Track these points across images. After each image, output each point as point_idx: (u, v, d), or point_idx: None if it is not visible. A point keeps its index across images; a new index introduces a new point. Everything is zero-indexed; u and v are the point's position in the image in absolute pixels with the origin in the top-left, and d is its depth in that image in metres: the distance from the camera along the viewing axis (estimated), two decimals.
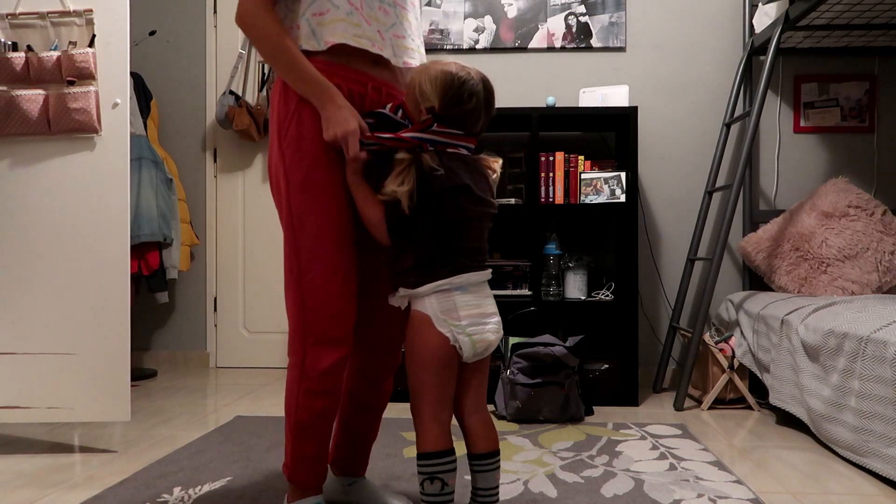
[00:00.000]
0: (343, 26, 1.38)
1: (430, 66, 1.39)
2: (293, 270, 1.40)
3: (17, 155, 2.19)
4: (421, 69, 1.40)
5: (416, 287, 1.36)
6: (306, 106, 1.38)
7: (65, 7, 2.21)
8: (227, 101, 3.46)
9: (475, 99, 1.37)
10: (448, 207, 1.34)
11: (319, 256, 1.38)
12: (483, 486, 1.38)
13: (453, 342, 1.33)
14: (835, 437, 2.10)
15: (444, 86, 1.35)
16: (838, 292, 2.82)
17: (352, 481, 1.67)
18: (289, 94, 1.40)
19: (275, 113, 1.43)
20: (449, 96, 1.35)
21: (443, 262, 1.35)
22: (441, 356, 1.34)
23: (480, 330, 1.35)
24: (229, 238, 3.73)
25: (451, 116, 1.36)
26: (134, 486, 1.83)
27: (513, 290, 2.95)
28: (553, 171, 2.97)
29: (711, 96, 3.35)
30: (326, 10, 1.38)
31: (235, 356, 3.72)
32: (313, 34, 1.38)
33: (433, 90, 1.35)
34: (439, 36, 3.40)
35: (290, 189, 1.39)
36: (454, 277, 1.34)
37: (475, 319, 1.35)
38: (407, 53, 1.49)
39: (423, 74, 1.38)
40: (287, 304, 1.43)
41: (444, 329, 1.33)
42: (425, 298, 1.35)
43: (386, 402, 1.66)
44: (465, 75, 1.37)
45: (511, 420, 2.57)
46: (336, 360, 1.40)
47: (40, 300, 2.16)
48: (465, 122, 1.38)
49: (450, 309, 1.34)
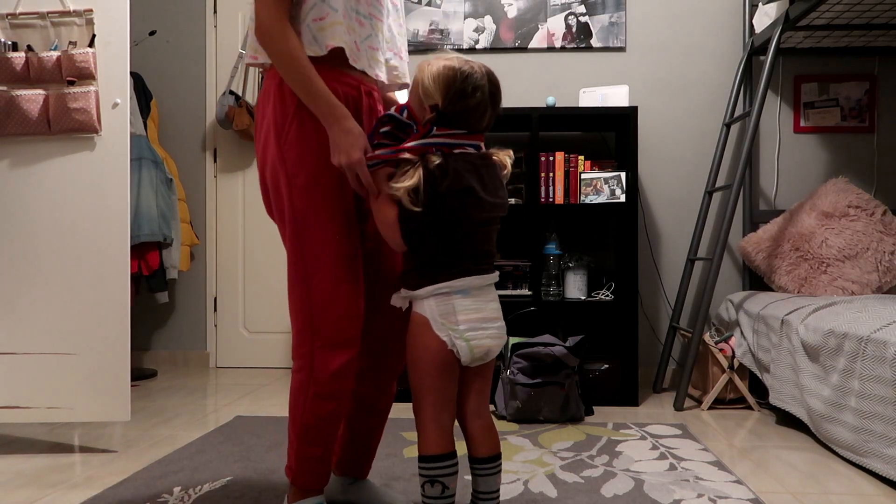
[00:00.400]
0: (341, 30, 1.38)
1: (432, 62, 1.36)
2: (298, 273, 1.39)
3: (17, 155, 2.19)
4: (423, 66, 1.37)
5: (416, 289, 1.35)
6: (304, 107, 1.37)
7: (65, 7, 2.21)
8: (227, 101, 3.46)
9: (480, 93, 1.34)
10: (452, 210, 1.32)
11: (327, 258, 1.37)
12: (484, 489, 1.38)
13: (451, 346, 1.32)
14: (835, 437, 2.10)
15: (446, 81, 1.32)
16: (838, 292, 2.82)
17: (352, 480, 1.67)
18: (286, 96, 1.39)
19: (269, 114, 1.41)
20: (452, 92, 1.32)
21: (444, 265, 1.33)
22: (439, 360, 1.33)
23: (479, 335, 1.33)
24: (229, 238, 3.73)
25: (455, 113, 1.33)
26: (134, 486, 1.83)
27: (513, 290, 2.95)
28: (553, 171, 2.97)
29: (711, 96, 3.35)
30: (326, 15, 1.38)
31: (235, 356, 3.72)
32: (315, 40, 1.38)
33: (435, 87, 1.32)
34: (439, 36, 3.40)
35: (294, 191, 1.38)
36: (454, 281, 1.32)
37: (474, 324, 1.33)
38: (378, 66, 1.49)
39: (424, 71, 1.35)
40: (292, 307, 1.42)
41: (442, 333, 1.32)
42: (424, 301, 1.34)
43: (391, 403, 1.66)
44: (469, 69, 1.33)
45: (511, 420, 2.57)
46: (345, 361, 1.39)
47: (40, 300, 2.16)
48: (469, 118, 1.35)
49: (448, 312, 1.32)
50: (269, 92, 1.42)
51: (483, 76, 1.35)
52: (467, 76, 1.33)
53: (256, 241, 3.70)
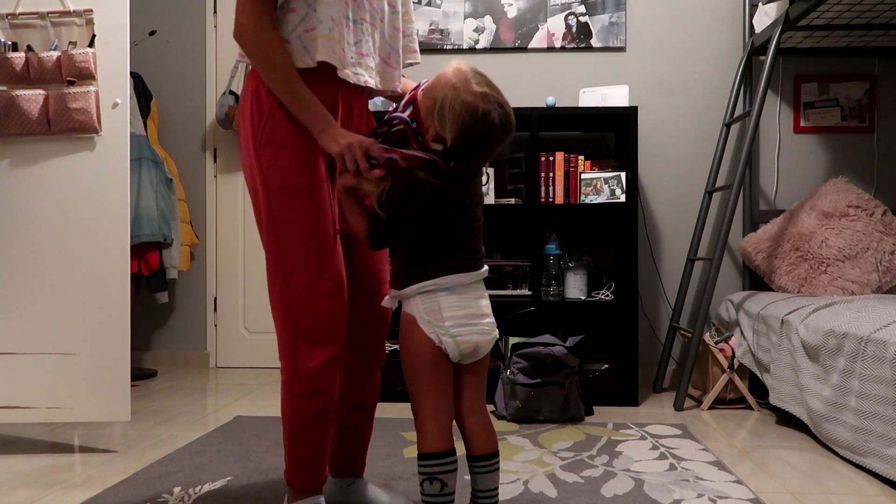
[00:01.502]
0: (325, 42, 1.38)
1: (461, 90, 1.27)
2: (278, 273, 1.42)
3: (17, 155, 2.19)
4: (449, 86, 1.28)
5: (402, 288, 1.36)
6: (278, 110, 1.38)
7: (65, 7, 2.21)
8: (227, 101, 3.46)
9: (493, 138, 1.31)
10: (434, 208, 1.33)
11: (304, 257, 1.39)
12: (482, 487, 1.38)
13: (438, 343, 1.33)
14: (835, 437, 2.10)
15: (464, 124, 1.27)
16: (838, 292, 2.82)
17: (350, 482, 1.67)
18: (261, 99, 1.40)
19: (247, 119, 1.42)
20: (465, 134, 1.28)
21: (427, 264, 1.34)
22: (429, 357, 1.34)
23: (465, 331, 1.33)
24: (229, 238, 3.73)
25: (461, 150, 1.30)
26: (134, 486, 1.83)
27: (513, 290, 2.95)
28: (553, 171, 2.97)
29: (711, 96, 3.35)
30: (315, 26, 1.38)
31: (235, 356, 3.72)
32: (306, 51, 1.38)
33: (452, 123, 1.28)
34: (439, 36, 3.40)
35: (270, 194, 1.40)
36: (439, 279, 1.33)
37: (460, 321, 1.33)
38: (368, 72, 1.49)
39: (449, 97, 1.28)
40: (273, 307, 1.44)
41: (429, 330, 1.33)
42: (411, 300, 1.36)
43: (377, 398, 1.67)
44: (489, 109, 1.27)
45: (511, 420, 2.57)
46: (327, 358, 1.41)
47: (40, 300, 2.16)
48: (473, 157, 1.33)
49: (433, 310, 1.33)
50: (247, 95, 1.43)
51: (501, 118, 1.30)
52: (483, 118, 1.27)
53: (256, 241, 3.70)
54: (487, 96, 1.29)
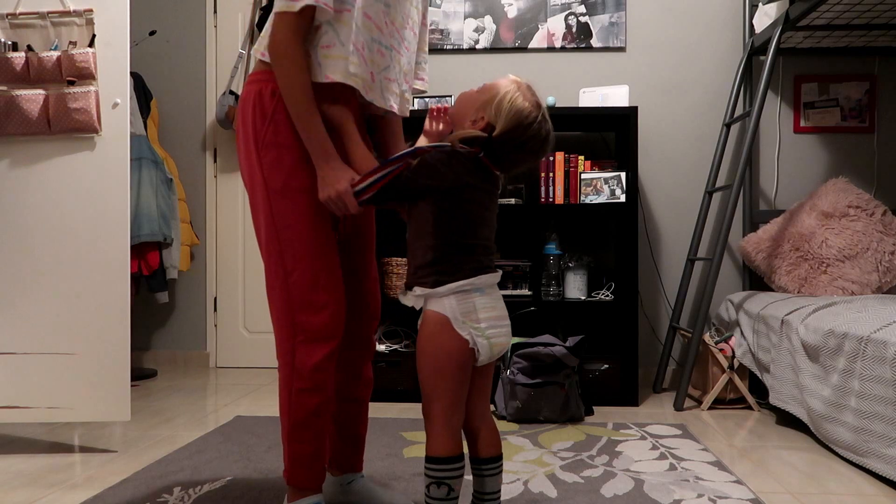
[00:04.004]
0: (342, 64, 1.39)
1: (523, 92, 1.34)
2: (278, 273, 1.44)
3: (17, 155, 2.19)
4: (513, 85, 1.34)
5: (436, 286, 1.31)
6: (282, 114, 1.40)
7: (65, 7, 2.21)
8: (227, 101, 3.46)
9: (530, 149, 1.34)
10: (468, 186, 1.32)
11: (305, 256, 1.42)
12: (485, 489, 1.38)
13: (472, 345, 1.30)
14: (835, 437, 2.10)
15: (515, 122, 1.31)
16: (838, 292, 2.82)
17: (350, 479, 1.68)
18: (265, 103, 1.42)
19: (248, 121, 1.44)
20: (510, 132, 1.31)
21: (462, 261, 1.31)
22: (459, 360, 1.30)
23: (497, 333, 1.33)
24: (229, 238, 3.73)
25: (499, 145, 1.33)
26: (134, 486, 1.83)
27: (513, 290, 2.95)
28: (553, 171, 2.97)
29: (711, 96, 3.35)
30: (332, 45, 1.40)
31: (235, 356, 3.72)
32: (319, 66, 1.40)
33: (506, 115, 1.31)
34: (439, 36, 3.40)
35: (271, 194, 1.43)
36: (475, 278, 1.30)
37: (493, 322, 1.32)
38: (393, 97, 1.52)
39: (511, 93, 1.32)
40: (272, 305, 1.46)
41: (464, 331, 1.29)
42: (444, 299, 1.30)
43: (370, 391, 1.68)
44: (540, 119, 1.33)
45: (511, 420, 2.57)
46: (325, 354, 1.43)
47: (40, 300, 2.16)
48: (502, 160, 1.35)
49: (469, 311, 1.30)
50: (249, 97, 1.44)
51: (546, 132, 1.35)
52: (531, 124, 1.32)
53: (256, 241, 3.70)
54: (541, 108, 1.35)
